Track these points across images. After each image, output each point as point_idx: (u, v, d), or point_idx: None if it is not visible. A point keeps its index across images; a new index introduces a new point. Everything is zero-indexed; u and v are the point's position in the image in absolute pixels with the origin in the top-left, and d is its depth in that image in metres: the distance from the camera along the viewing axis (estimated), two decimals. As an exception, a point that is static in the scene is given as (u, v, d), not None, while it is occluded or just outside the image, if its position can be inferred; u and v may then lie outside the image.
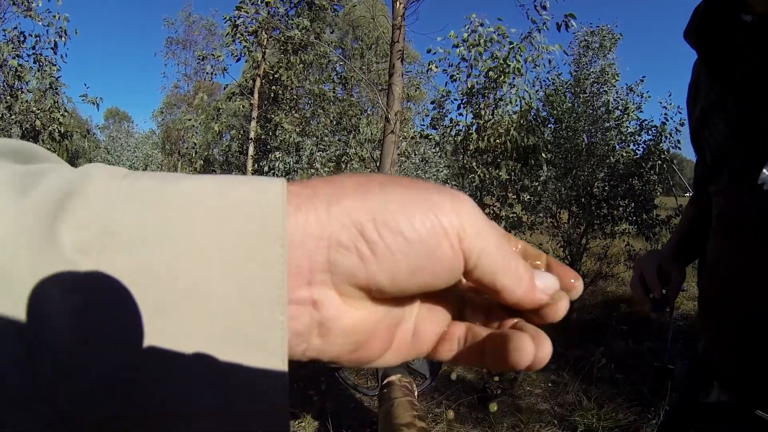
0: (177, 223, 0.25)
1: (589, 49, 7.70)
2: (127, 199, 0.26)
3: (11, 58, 7.47)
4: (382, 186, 0.30)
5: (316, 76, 10.72)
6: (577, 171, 6.66)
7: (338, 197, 0.29)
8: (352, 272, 0.29)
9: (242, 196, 0.27)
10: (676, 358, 4.05)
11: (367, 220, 0.28)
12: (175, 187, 0.27)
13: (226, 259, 0.25)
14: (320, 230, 0.28)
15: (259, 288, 0.26)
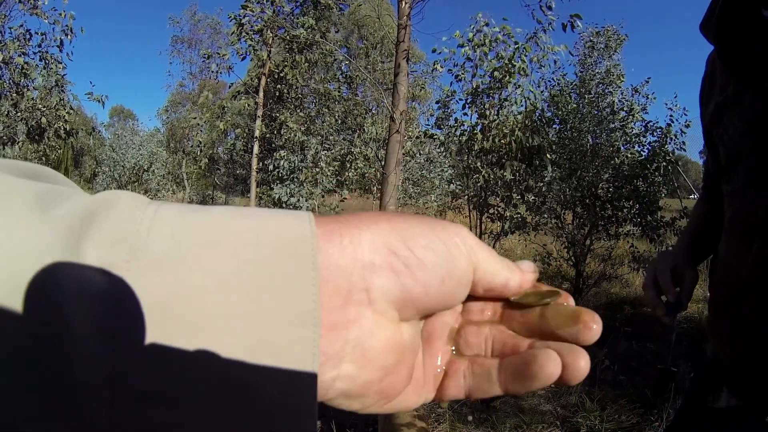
0: (206, 248, 0.26)
1: (594, 49, 7.68)
2: (154, 222, 0.26)
3: (17, 56, 7.49)
4: (399, 215, 0.33)
5: (321, 75, 10.72)
6: (581, 172, 6.65)
7: (367, 224, 0.31)
8: (388, 288, 0.31)
9: (271, 224, 0.28)
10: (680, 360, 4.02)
11: (398, 239, 0.31)
12: (203, 215, 0.27)
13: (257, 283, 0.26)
14: (355, 252, 0.30)
15: (294, 307, 0.26)
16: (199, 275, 0.25)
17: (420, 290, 0.32)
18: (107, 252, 0.24)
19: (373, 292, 0.30)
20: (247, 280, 0.26)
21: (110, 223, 0.25)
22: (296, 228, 0.28)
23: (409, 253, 0.31)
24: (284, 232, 0.28)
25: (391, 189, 5.98)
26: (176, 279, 0.25)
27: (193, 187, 20.62)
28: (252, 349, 0.25)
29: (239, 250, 0.26)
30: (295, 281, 0.27)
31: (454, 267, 0.33)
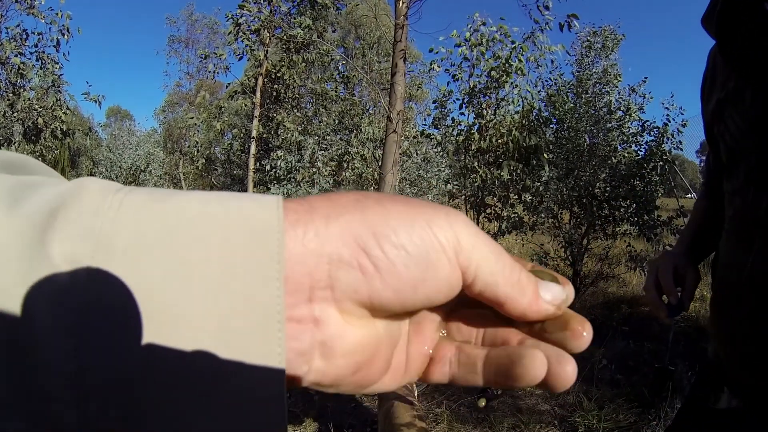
0: (171, 238, 0.25)
1: (591, 49, 7.69)
2: (120, 213, 0.25)
3: (14, 56, 7.49)
4: (379, 202, 0.30)
5: (318, 75, 10.72)
6: (578, 171, 6.66)
7: (337, 213, 0.29)
8: (355, 288, 0.28)
9: (238, 212, 0.27)
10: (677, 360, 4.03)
11: (368, 235, 0.28)
12: (170, 202, 0.26)
13: (221, 275, 0.25)
14: (320, 246, 0.28)
15: (256, 304, 0.25)
16: (161, 267, 0.25)
17: (390, 295, 0.29)
18: (72, 246, 0.24)
19: (337, 290, 0.28)
20: (211, 272, 0.25)
21: (75, 217, 0.25)
22: (263, 215, 0.27)
23: (379, 253, 0.28)
24: (250, 220, 0.26)
25: (388, 189, 5.98)
26: (139, 272, 0.24)
27: (190, 188, 20.54)
28: (216, 344, 0.25)
29: (204, 239, 0.25)
30: (259, 274, 0.25)
31: (431, 271, 0.29)
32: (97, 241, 0.24)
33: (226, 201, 0.27)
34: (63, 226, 0.24)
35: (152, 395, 0.24)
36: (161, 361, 0.24)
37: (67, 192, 0.26)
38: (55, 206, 0.25)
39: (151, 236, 0.25)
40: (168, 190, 0.28)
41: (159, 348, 0.24)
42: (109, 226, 0.25)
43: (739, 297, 1.05)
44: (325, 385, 0.30)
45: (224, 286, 0.25)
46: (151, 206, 0.26)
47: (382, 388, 0.34)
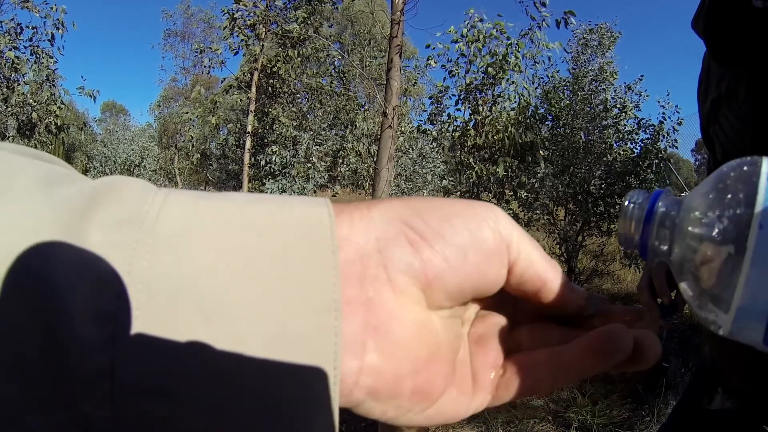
0: (222, 229, 0.24)
1: (587, 47, 7.70)
2: (166, 204, 0.24)
3: (8, 50, 7.45)
4: (419, 197, 0.31)
5: (313, 70, 10.69)
6: (574, 168, 6.68)
7: (376, 202, 0.29)
8: (406, 261, 0.28)
9: (290, 210, 0.26)
10: (671, 357, 4.03)
11: (411, 214, 0.29)
12: (216, 199, 0.26)
13: (276, 267, 0.24)
14: (366, 226, 0.28)
15: (315, 294, 0.24)
16: (212, 256, 0.23)
17: (441, 263, 0.28)
18: (112, 233, 0.23)
19: (390, 268, 0.27)
20: (264, 264, 0.24)
21: (117, 204, 0.24)
22: (314, 212, 0.26)
23: (424, 224, 0.28)
24: (302, 217, 0.26)
25: (384, 184, 5.97)
26: (187, 260, 0.23)
27: (185, 183, 20.56)
28: (269, 338, 0.23)
29: (256, 233, 0.25)
30: (314, 266, 0.25)
31: (478, 239, 0.29)
32: (140, 229, 0.23)
33: (276, 199, 0.27)
34: (104, 211, 0.23)
35: (195, 396, 0.22)
36: (206, 359, 0.22)
37: (108, 183, 0.25)
38: (95, 194, 0.24)
39: (199, 228, 0.24)
40: (211, 193, 0.27)
41: (204, 344, 0.22)
42: (154, 216, 0.24)
43: None
44: (383, 395, 0.28)
45: (278, 278, 0.24)
46: (198, 202, 0.25)
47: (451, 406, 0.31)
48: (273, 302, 0.24)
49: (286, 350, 0.23)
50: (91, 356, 0.21)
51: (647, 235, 0.38)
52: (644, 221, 0.38)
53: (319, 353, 0.24)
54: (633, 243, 0.39)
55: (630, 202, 0.39)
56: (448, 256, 0.28)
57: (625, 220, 0.39)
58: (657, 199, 0.38)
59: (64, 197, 0.23)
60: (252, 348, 0.23)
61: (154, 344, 0.22)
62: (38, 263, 0.21)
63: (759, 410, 1.03)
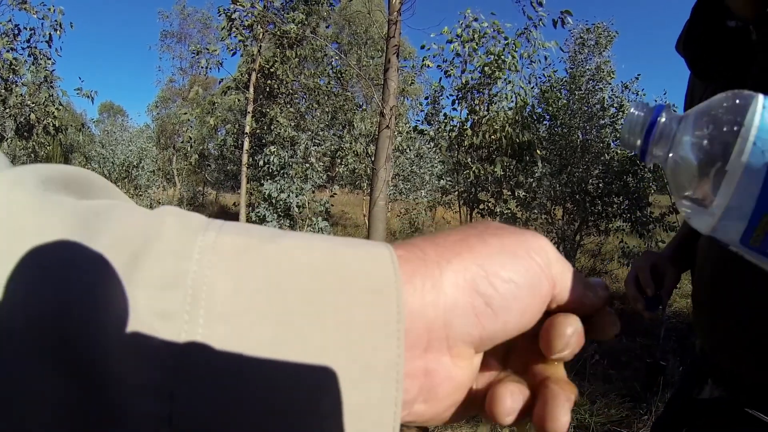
0: (279, 294, 0.23)
1: (584, 46, 7.71)
2: (215, 257, 0.23)
3: (6, 51, 7.44)
4: (481, 238, 0.30)
5: (311, 71, 10.69)
6: (571, 168, 6.68)
7: (447, 258, 0.29)
8: (468, 331, 0.28)
9: (351, 264, 0.25)
10: (669, 355, 4.04)
11: (480, 276, 0.29)
12: (270, 247, 0.24)
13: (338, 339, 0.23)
14: (436, 297, 0.27)
15: (375, 365, 0.24)
16: (270, 330, 0.22)
17: (499, 327, 0.29)
18: (160, 297, 0.21)
19: (452, 337, 0.28)
20: (325, 335, 0.23)
21: (161, 259, 0.22)
22: (379, 269, 0.25)
23: (492, 291, 0.28)
24: (365, 274, 0.25)
25: (381, 184, 5.97)
26: (245, 334, 0.22)
27: (183, 183, 20.53)
28: (329, 415, 0.23)
29: (315, 296, 0.23)
30: (378, 334, 0.24)
31: (535, 295, 0.31)
32: (192, 294, 0.21)
33: (335, 250, 0.26)
34: (148, 272, 0.21)
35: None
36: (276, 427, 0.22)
37: (144, 224, 0.23)
38: (135, 247, 0.22)
39: (254, 289, 0.22)
40: (264, 229, 0.26)
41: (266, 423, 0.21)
42: (203, 273, 0.22)
43: (716, 292, 1.09)
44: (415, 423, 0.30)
45: (340, 350, 0.23)
46: (250, 252, 0.24)
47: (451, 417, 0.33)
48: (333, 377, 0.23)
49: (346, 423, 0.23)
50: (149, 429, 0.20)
51: (648, 142, 0.42)
52: (647, 130, 0.42)
53: (381, 422, 0.24)
54: (635, 147, 0.43)
55: (635, 111, 0.43)
56: (508, 321, 0.29)
57: (630, 127, 0.43)
58: (660, 112, 0.42)
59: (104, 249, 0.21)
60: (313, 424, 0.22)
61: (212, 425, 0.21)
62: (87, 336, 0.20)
63: (747, 394, 1.05)
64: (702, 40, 1.07)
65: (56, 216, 0.22)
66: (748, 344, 1.03)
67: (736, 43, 1.01)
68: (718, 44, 1.05)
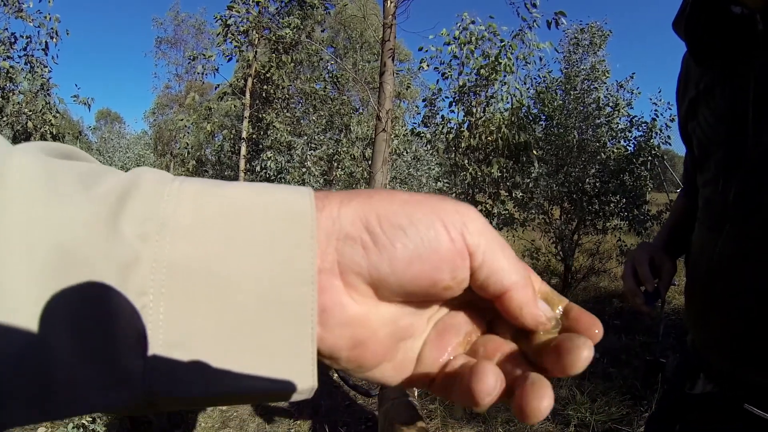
0: (227, 220, 0.30)
1: (579, 46, 7.73)
2: (179, 198, 0.30)
3: (2, 60, 7.43)
4: (390, 192, 0.34)
5: (307, 75, 10.70)
6: (568, 167, 6.70)
7: (348, 199, 0.33)
8: (356, 261, 0.32)
9: (280, 200, 0.32)
10: (668, 352, 4.05)
11: (372, 215, 0.32)
12: (221, 191, 0.31)
13: (269, 249, 0.30)
14: (331, 226, 0.32)
15: (297, 269, 0.30)
16: (218, 244, 0.29)
17: (386, 268, 0.32)
18: (140, 227, 0.28)
19: (342, 264, 0.32)
20: (259, 248, 0.30)
21: (141, 201, 0.29)
22: (300, 203, 0.32)
23: (379, 230, 0.32)
24: (290, 206, 0.32)
25: (378, 187, 5.99)
26: (198, 247, 0.29)
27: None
28: (262, 304, 0.30)
29: (252, 222, 0.30)
30: (299, 248, 0.30)
31: (428, 249, 0.32)
32: (162, 223, 0.29)
33: (268, 190, 0.33)
34: (132, 208, 0.29)
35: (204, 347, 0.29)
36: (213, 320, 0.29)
37: (129, 181, 0.31)
38: (123, 191, 0.30)
39: (207, 219, 0.30)
40: (216, 182, 0.33)
41: (211, 309, 0.29)
42: (171, 211, 0.30)
43: (708, 282, 1.09)
44: (323, 355, 0.33)
45: (270, 258, 0.30)
46: (206, 194, 0.31)
47: (382, 376, 0.36)
48: (266, 277, 0.30)
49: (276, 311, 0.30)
50: (130, 322, 0.28)
51: None
52: None
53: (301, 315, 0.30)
54: None
55: None
56: (393, 263, 0.32)
57: None
58: None
59: (99, 196, 0.29)
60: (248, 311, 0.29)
61: (176, 310, 0.28)
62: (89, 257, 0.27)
63: (739, 389, 1.06)
64: (704, 24, 1.05)
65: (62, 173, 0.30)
66: (740, 341, 1.03)
67: (740, 31, 0.99)
68: (720, 30, 1.02)
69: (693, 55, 1.12)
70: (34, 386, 0.26)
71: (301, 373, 0.31)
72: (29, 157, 0.29)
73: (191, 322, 0.29)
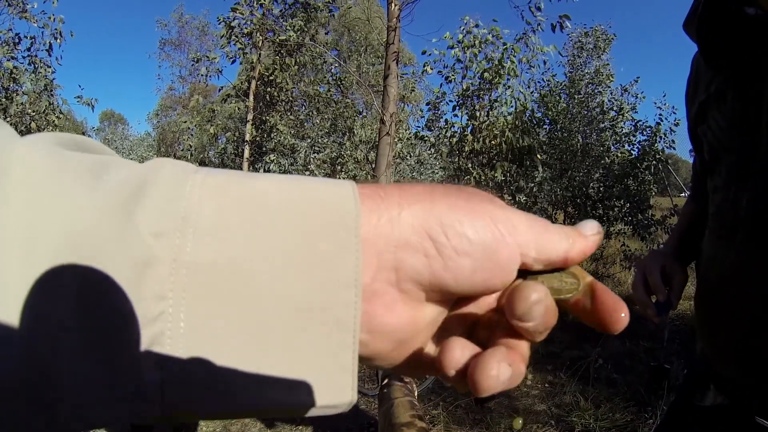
0: (254, 219, 0.27)
1: (583, 50, 7.73)
2: (202, 191, 0.27)
3: (6, 60, 7.44)
4: (446, 194, 0.32)
5: (310, 78, 10.71)
6: (572, 172, 6.69)
7: (409, 203, 0.31)
8: (417, 270, 0.30)
9: (316, 196, 0.29)
10: (673, 358, 4.02)
11: (435, 224, 0.30)
12: (249, 184, 0.28)
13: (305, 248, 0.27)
14: (391, 231, 0.30)
15: (338, 272, 0.27)
16: (245, 243, 0.26)
17: (449, 277, 0.31)
18: (158, 222, 0.26)
19: (401, 272, 0.30)
20: (291, 248, 0.27)
21: (159, 193, 0.26)
22: (342, 198, 0.29)
23: (444, 240, 0.30)
24: (330, 202, 0.29)
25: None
26: (225, 247, 0.26)
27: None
28: (294, 311, 0.27)
29: (286, 218, 0.28)
30: (338, 248, 0.28)
31: (490, 257, 0.31)
32: (183, 217, 0.26)
33: (304, 183, 0.30)
34: (148, 200, 0.26)
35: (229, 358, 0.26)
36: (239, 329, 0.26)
37: (147, 172, 0.28)
38: (139, 182, 0.27)
39: (234, 216, 0.27)
40: (244, 173, 0.30)
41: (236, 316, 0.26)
42: (194, 204, 0.27)
43: (721, 292, 1.06)
44: (363, 356, 0.32)
45: (305, 260, 0.27)
46: (232, 186, 0.28)
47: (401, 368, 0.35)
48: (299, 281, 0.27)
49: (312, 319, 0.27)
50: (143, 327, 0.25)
51: None
52: None
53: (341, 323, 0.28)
54: None
55: None
56: (458, 273, 0.31)
57: None
58: None
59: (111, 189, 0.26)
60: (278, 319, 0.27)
61: (198, 317, 0.26)
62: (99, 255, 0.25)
63: (750, 402, 1.03)
64: (717, 27, 1.01)
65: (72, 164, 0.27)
66: (752, 352, 1.00)
67: (754, 33, 0.95)
68: (733, 32, 0.99)
69: (704, 57, 1.08)
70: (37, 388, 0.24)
71: (340, 388, 0.29)
72: (36, 147, 0.27)
73: (215, 331, 0.26)
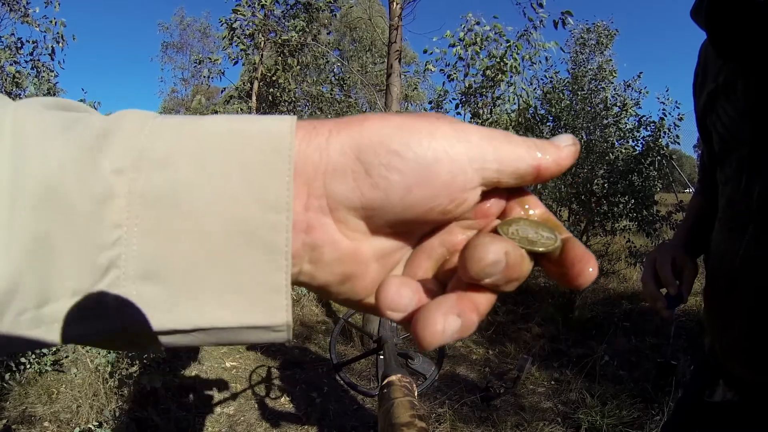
0: (199, 147, 0.29)
1: (585, 46, 7.72)
2: (158, 131, 0.30)
3: (9, 65, 7.46)
4: (383, 116, 0.31)
5: (313, 78, 10.71)
6: (576, 168, 6.67)
7: (339, 129, 0.31)
8: (345, 195, 0.30)
9: (259, 125, 0.30)
10: (679, 354, 4.02)
11: (365, 144, 0.30)
12: (199, 121, 0.31)
13: (242, 172, 0.29)
14: (319, 158, 0.30)
15: (270, 195, 0.29)
16: (189, 172, 0.28)
17: (379, 196, 0.30)
18: (117, 161, 0.28)
19: (331, 199, 0.30)
20: (230, 173, 0.29)
21: (122, 136, 0.29)
22: (279, 129, 0.30)
23: (372, 158, 0.29)
24: (268, 132, 0.30)
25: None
26: (169, 176, 0.28)
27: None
28: (231, 232, 0.28)
29: (226, 147, 0.29)
30: (271, 172, 0.29)
31: (426, 172, 0.30)
32: (139, 154, 0.28)
33: (249, 119, 0.31)
34: (110, 143, 0.29)
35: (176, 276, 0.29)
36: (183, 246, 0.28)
37: (112, 120, 0.30)
38: (103, 129, 0.29)
39: (184, 148, 0.29)
40: (198, 116, 0.32)
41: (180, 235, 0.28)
42: (149, 143, 0.29)
43: (732, 286, 1.04)
44: (314, 288, 0.33)
45: (240, 183, 0.29)
46: (185, 126, 0.30)
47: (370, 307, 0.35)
48: (234, 203, 0.28)
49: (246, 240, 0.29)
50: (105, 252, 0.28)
51: None
52: None
53: (273, 244, 0.29)
54: None
55: None
56: (388, 193, 0.30)
57: None
58: None
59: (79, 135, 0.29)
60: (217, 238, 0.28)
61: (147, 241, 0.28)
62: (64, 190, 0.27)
63: (760, 397, 1.02)
64: (727, 15, 0.98)
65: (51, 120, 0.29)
66: (763, 347, 0.99)
67: (763, 20, 0.92)
68: (743, 20, 0.96)
69: (714, 45, 1.05)
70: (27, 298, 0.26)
71: (273, 307, 0.30)
72: (25, 109, 0.29)
73: (162, 253, 0.28)
